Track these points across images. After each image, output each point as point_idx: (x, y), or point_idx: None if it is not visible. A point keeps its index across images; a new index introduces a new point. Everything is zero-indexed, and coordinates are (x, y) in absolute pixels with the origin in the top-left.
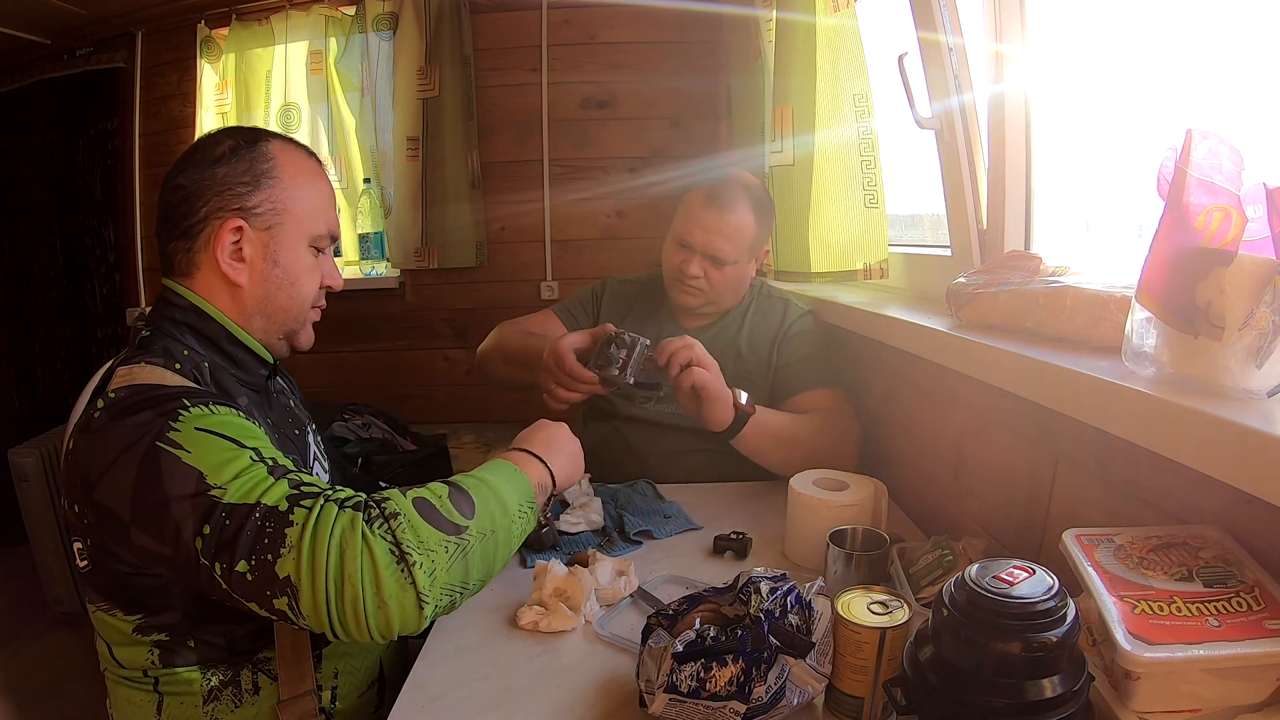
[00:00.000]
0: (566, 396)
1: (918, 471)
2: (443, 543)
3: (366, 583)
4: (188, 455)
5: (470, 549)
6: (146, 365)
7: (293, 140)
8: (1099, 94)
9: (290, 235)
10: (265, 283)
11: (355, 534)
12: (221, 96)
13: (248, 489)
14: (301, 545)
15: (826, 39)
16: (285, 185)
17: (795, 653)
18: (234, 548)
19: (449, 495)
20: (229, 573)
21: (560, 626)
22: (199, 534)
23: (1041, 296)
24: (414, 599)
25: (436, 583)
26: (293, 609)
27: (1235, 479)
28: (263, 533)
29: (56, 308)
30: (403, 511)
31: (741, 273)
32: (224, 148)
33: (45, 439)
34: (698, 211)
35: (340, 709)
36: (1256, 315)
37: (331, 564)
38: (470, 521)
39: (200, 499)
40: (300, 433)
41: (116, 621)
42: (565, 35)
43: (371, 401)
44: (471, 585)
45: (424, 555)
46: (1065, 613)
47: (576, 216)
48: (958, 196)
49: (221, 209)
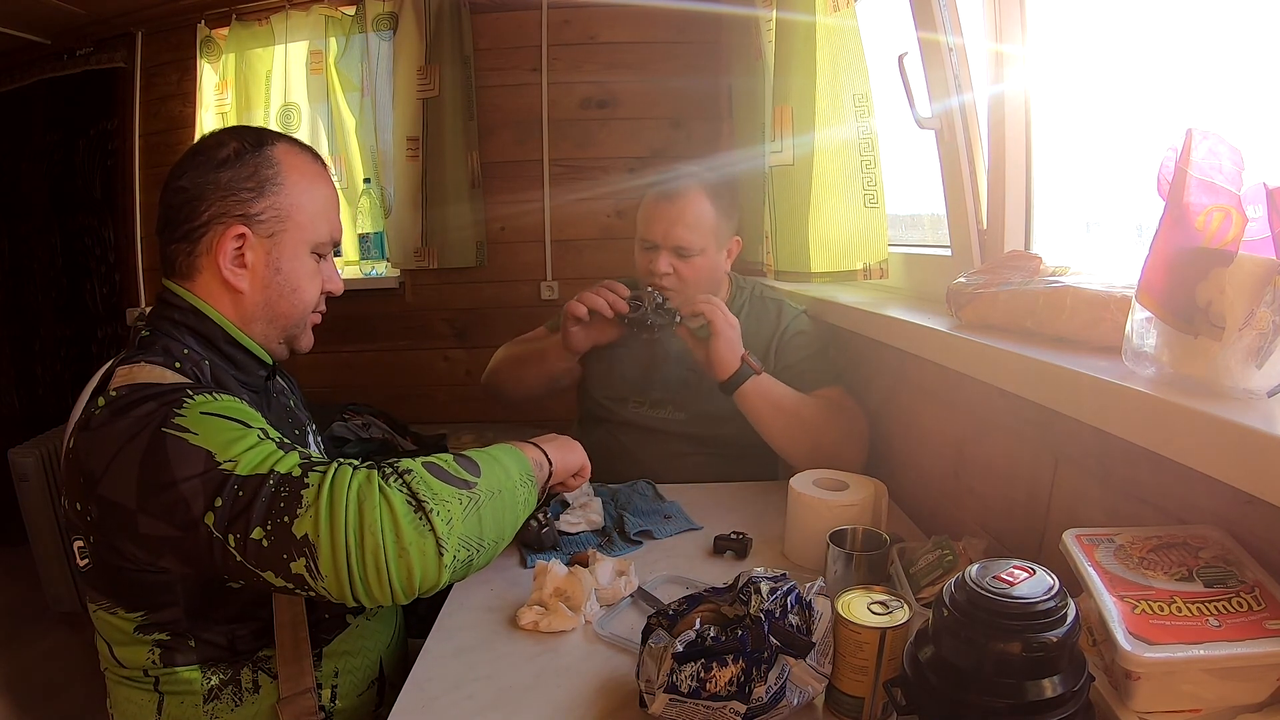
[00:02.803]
0: (593, 300)
1: (918, 471)
2: (455, 495)
3: (386, 530)
4: (194, 437)
5: (481, 503)
6: (147, 365)
7: (298, 142)
8: (1099, 94)
9: (293, 242)
10: (267, 289)
11: (372, 486)
12: (221, 96)
13: (259, 460)
14: (319, 502)
15: (826, 39)
16: (289, 191)
17: (795, 653)
18: (249, 515)
19: (455, 459)
20: (244, 542)
21: (560, 626)
22: (210, 508)
23: (1041, 296)
24: (434, 545)
25: (454, 531)
26: (311, 571)
27: (1235, 479)
28: (278, 497)
29: (56, 308)
30: (414, 469)
31: (711, 263)
32: (228, 150)
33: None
34: (652, 209)
35: (340, 708)
36: (1256, 315)
37: (350, 516)
38: (478, 479)
39: (210, 474)
40: (300, 433)
41: (117, 620)
42: (565, 35)
43: (372, 401)
44: (486, 544)
45: (439, 504)
46: (1065, 613)
47: (576, 216)
48: (958, 196)
49: (225, 214)
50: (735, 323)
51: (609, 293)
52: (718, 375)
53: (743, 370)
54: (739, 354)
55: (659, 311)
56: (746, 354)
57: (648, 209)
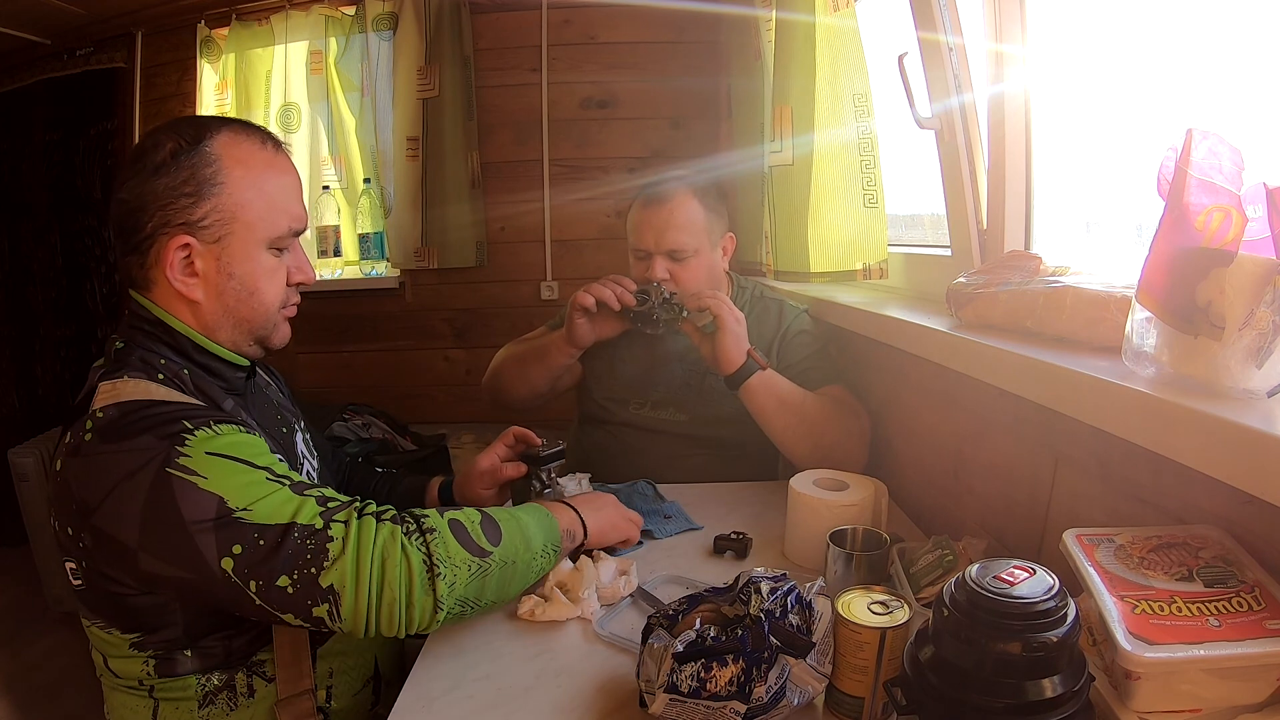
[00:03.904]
0: (600, 291)
1: (918, 471)
2: (467, 561)
3: (402, 588)
4: (204, 481)
5: (490, 573)
6: (129, 379)
7: (246, 128)
8: (1099, 94)
9: (243, 244)
10: (223, 296)
11: (395, 545)
12: (221, 96)
13: (274, 507)
14: (345, 556)
15: (826, 39)
16: (232, 190)
17: (795, 653)
18: (272, 564)
19: (481, 522)
20: (268, 589)
21: (557, 615)
22: (228, 554)
23: (1041, 296)
24: (432, 604)
25: (453, 593)
26: (332, 615)
27: (1235, 479)
28: (304, 549)
29: (56, 308)
30: (438, 529)
31: (707, 262)
32: (164, 153)
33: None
34: (640, 215)
35: (336, 708)
36: (1256, 315)
37: (375, 572)
38: (495, 549)
39: (225, 522)
40: (287, 431)
41: (112, 638)
42: (565, 35)
43: (371, 401)
44: (483, 603)
45: (449, 569)
46: (1065, 613)
47: (576, 216)
48: (958, 196)
49: (166, 224)
50: (741, 317)
51: (616, 285)
52: (723, 370)
53: (749, 365)
54: (745, 349)
55: (665, 306)
56: (752, 349)
57: (636, 218)
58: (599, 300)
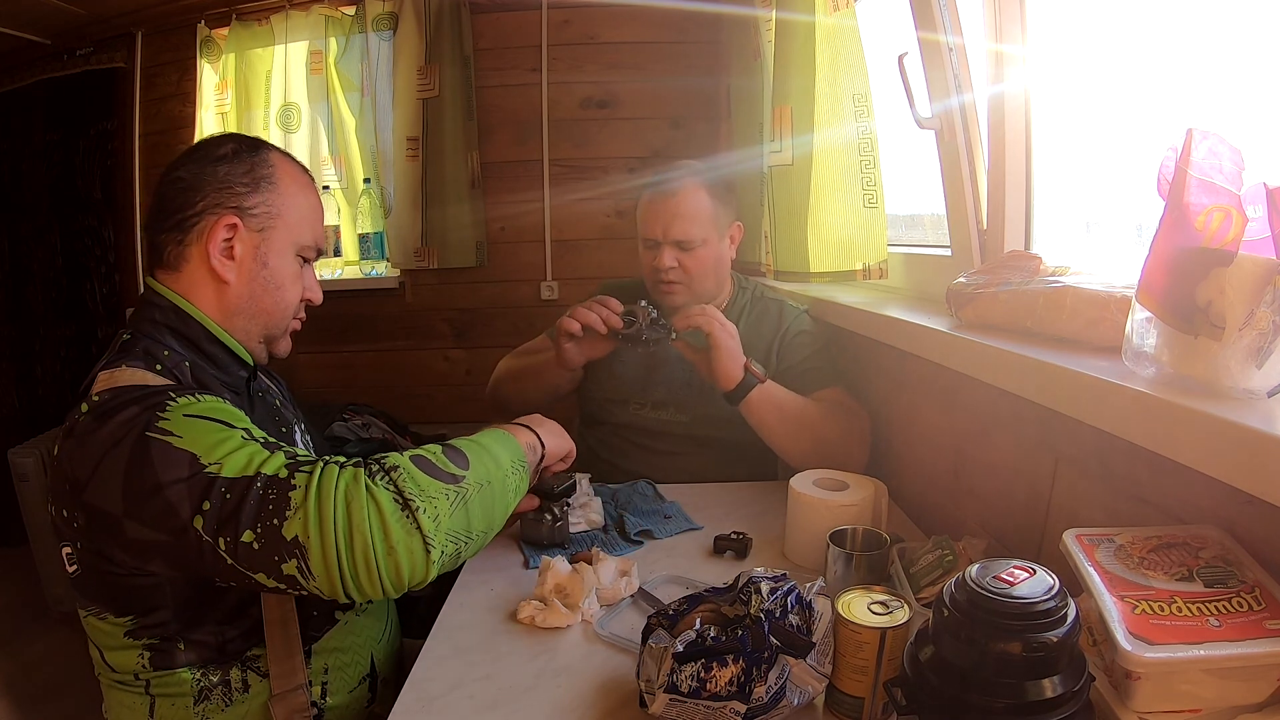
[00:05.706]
0: (585, 316)
1: (918, 471)
2: (442, 490)
3: (375, 530)
4: (179, 440)
5: (469, 497)
6: (128, 368)
7: (291, 155)
8: (1099, 94)
9: (281, 240)
10: (252, 283)
11: (359, 486)
12: (221, 96)
13: (244, 462)
14: (308, 504)
15: (826, 39)
16: (282, 192)
17: (795, 653)
18: (237, 519)
19: (443, 451)
20: (234, 545)
21: (555, 623)
22: (198, 512)
23: (1041, 296)
24: (420, 543)
25: (441, 528)
26: (302, 571)
27: (1235, 479)
28: (266, 499)
29: (56, 308)
30: (400, 465)
31: (715, 253)
32: (226, 149)
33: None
34: (650, 206)
35: (331, 704)
36: (1256, 315)
37: (339, 517)
38: (466, 472)
39: (196, 479)
40: (287, 431)
41: (107, 625)
42: (565, 35)
43: (372, 401)
44: (474, 535)
45: (426, 501)
46: (1065, 613)
47: (576, 216)
48: (958, 196)
49: (219, 205)
50: (734, 331)
51: (602, 308)
52: (722, 386)
53: (747, 380)
54: (741, 363)
55: (653, 327)
56: (749, 361)
57: (645, 207)
58: (585, 325)
